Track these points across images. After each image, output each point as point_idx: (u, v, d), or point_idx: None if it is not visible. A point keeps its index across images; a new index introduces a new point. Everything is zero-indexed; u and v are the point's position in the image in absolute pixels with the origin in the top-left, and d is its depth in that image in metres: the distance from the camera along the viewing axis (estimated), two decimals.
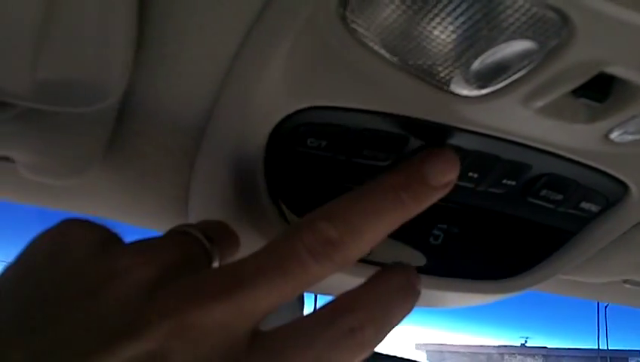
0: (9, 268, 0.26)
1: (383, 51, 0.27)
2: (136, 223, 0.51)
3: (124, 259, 0.26)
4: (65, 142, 0.35)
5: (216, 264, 0.30)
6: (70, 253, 0.26)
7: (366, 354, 0.27)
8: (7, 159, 0.38)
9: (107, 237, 0.28)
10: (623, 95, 0.28)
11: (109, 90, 0.30)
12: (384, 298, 0.29)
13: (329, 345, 0.26)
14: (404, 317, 0.29)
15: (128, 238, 0.29)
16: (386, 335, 0.28)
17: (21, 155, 0.37)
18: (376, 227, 0.28)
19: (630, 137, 0.31)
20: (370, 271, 0.32)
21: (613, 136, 0.31)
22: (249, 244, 0.38)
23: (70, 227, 0.28)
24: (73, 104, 0.31)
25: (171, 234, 0.30)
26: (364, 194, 0.29)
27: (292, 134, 0.32)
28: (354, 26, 0.26)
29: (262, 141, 0.32)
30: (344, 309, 0.27)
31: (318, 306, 0.29)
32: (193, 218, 0.45)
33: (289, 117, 0.31)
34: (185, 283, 0.26)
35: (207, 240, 0.30)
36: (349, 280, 0.39)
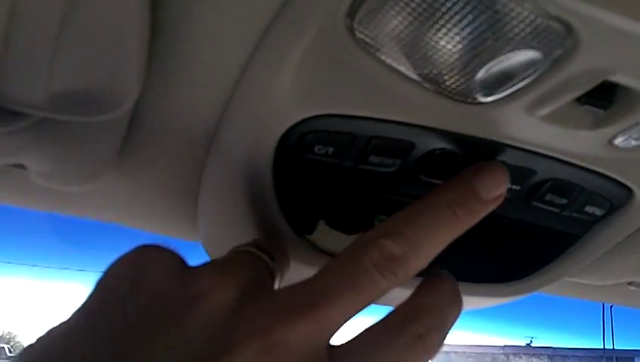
0: (92, 297, 0.26)
1: (389, 61, 0.28)
2: (147, 229, 0.51)
3: (204, 281, 0.27)
4: (77, 151, 0.36)
5: (277, 281, 0.32)
6: (151, 278, 0.27)
7: (431, 358, 0.29)
8: (19, 166, 0.38)
9: (181, 261, 0.29)
10: (627, 102, 0.28)
11: (122, 100, 0.31)
12: (441, 304, 0.30)
13: (401, 353, 0.28)
14: (457, 319, 0.31)
15: (135, 243, 0.29)
16: (445, 338, 0.29)
17: (34, 163, 0.37)
18: (434, 242, 0.29)
19: (634, 143, 0.32)
20: None
21: (617, 142, 0.32)
22: None
23: (147, 253, 0.28)
24: (86, 114, 0.31)
25: (237, 254, 0.31)
26: (422, 211, 0.30)
27: (300, 141, 0.33)
28: (361, 36, 0.27)
29: (270, 148, 0.33)
30: (410, 317, 0.29)
31: None
32: (202, 224, 0.45)
33: (297, 124, 0.32)
34: (267, 302, 0.27)
35: (270, 259, 0.31)
36: None
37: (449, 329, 0.30)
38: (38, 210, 0.49)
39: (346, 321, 0.27)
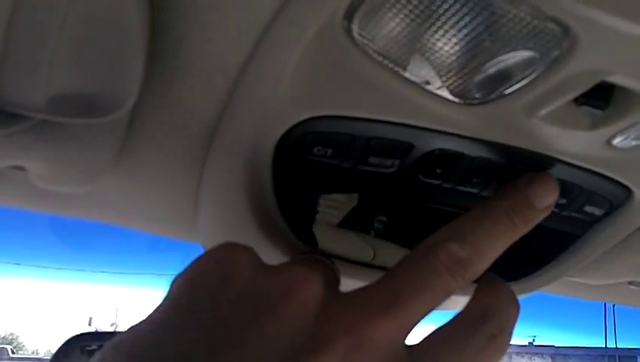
0: (179, 292, 0.27)
1: (387, 62, 0.28)
2: (147, 229, 0.51)
3: (291, 277, 0.28)
4: (77, 152, 0.36)
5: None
6: (239, 274, 0.27)
7: (500, 359, 0.30)
8: (20, 168, 0.38)
9: (261, 259, 0.29)
10: (624, 102, 0.28)
11: (121, 102, 0.31)
12: (506, 306, 0.32)
13: (476, 352, 0.29)
14: (516, 321, 0.32)
15: (138, 244, 0.29)
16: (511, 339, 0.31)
17: (34, 165, 0.37)
18: (495, 247, 0.31)
19: (633, 143, 0.32)
20: (376, 275, 0.32)
21: (616, 142, 0.32)
22: (257, 251, 0.39)
23: (232, 250, 0.29)
24: (86, 115, 0.31)
25: (306, 259, 0.32)
26: (482, 218, 0.31)
27: (299, 143, 0.33)
28: (359, 38, 0.27)
29: (269, 149, 0.33)
30: (482, 318, 0.31)
31: None
32: (202, 224, 0.45)
33: (296, 126, 0.32)
34: (353, 300, 0.28)
35: (332, 263, 0.33)
36: (355, 285, 0.40)
37: (513, 331, 0.31)
38: (39, 212, 0.49)
39: (420, 320, 0.29)
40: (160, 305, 0.26)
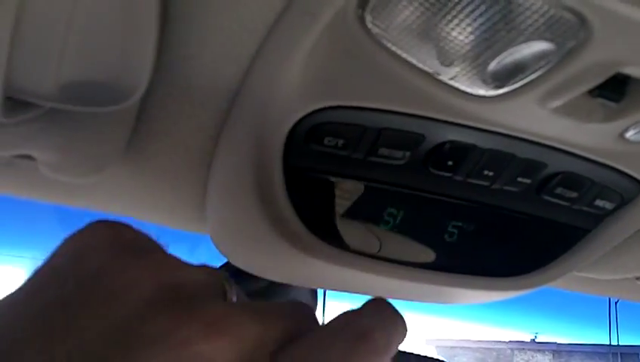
0: (36, 270, 0.26)
1: (400, 52, 0.28)
2: (155, 221, 0.51)
3: (145, 266, 0.25)
4: (86, 141, 0.36)
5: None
6: (95, 254, 0.25)
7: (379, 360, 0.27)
8: (28, 157, 0.38)
9: (133, 239, 0.27)
10: (639, 95, 0.28)
11: (131, 91, 0.31)
12: (382, 307, 0.28)
13: (344, 354, 0.26)
14: (403, 327, 0.28)
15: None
16: (394, 342, 0.27)
17: (43, 154, 0.37)
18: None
19: None
20: (381, 266, 0.32)
21: (629, 135, 0.31)
22: (264, 242, 0.38)
23: (94, 229, 0.27)
24: (96, 104, 0.31)
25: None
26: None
27: (310, 133, 0.33)
28: (372, 27, 0.27)
29: (280, 140, 0.33)
30: (351, 319, 0.27)
31: (326, 300, 0.29)
32: (210, 216, 0.45)
33: (306, 116, 0.32)
34: (216, 310, 0.25)
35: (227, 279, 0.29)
36: (360, 276, 0.39)
37: (395, 330, 0.28)
38: (46, 202, 0.49)
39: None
40: (21, 283, 0.25)
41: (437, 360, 1.27)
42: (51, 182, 0.43)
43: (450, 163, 0.35)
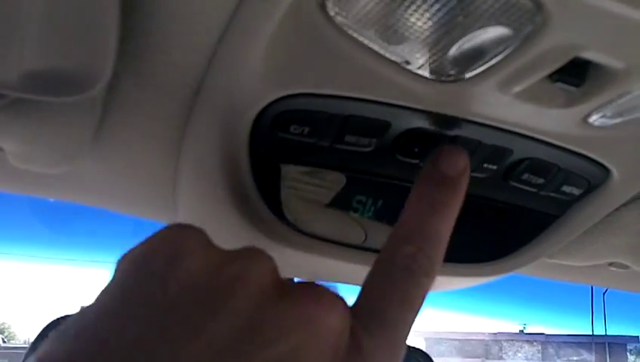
0: (125, 274, 0.25)
1: (362, 38, 0.28)
2: (125, 211, 0.51)
3: (245, 260, 0.26)
4: (53, 131, 0.36)
5: None
6: (189, 256, 0.25)
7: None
8: None
9: (211, 241, 0.28)
10: (599, 79, 0.28)
11: (95, 80, 0.31)
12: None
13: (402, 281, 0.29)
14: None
15: (118, 226, 0.28)
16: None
17: (10, 144, 0.37)
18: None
19: (609, 121, 0.32)
20: (368, 257, 0.32)
21: (592, 120, 0.32)
22: (235, 230, 0.38)
23: (182, 231, 0.27)
24: (60, 93, 0.31)
25: (250, 247, 0.30)
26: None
27: (275, 121, 0.33)
28: (333, 13, 0.27)
29: (245, 128, 0.33)
30: (399, 244, 0.31)
31: None
32: (180, 206, 0.45)
33: (271, 104, 0.32)
34: (306, 291, 0.27)
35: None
36: (352, 268, 0.40)
37: (437, 247, 0.31)
38: (18, 193, 0.49)
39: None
40: (106, 289, 0.25)
41: (414, 348, 1.27)
42: (22, 174, 0.43)
43: (416, 150, 0.35)
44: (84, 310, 0.24)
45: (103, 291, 0.25)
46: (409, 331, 0.29)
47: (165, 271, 0.24)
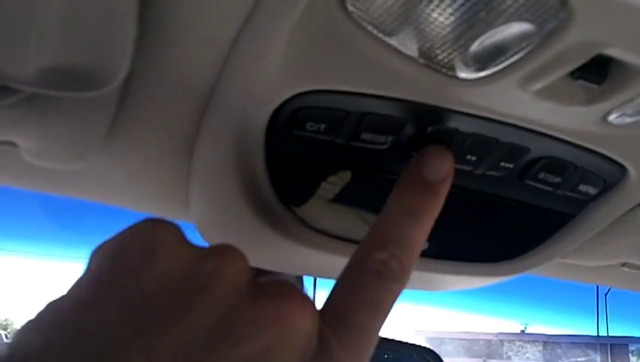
0: (99, 267, 0.25)
1: (381, 35, 0.28)
2: (138, 209, 0.51)
3: (220, 255, 0.26)
4: (67, 127, 0.36)
5: None
6: (165, 251, 0.25)
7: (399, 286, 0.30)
8: (11, 144, 0.38)
9: (185, 236, 0.28)
10: (621, 77, 0.28)
11: (111, 76, 0.30)
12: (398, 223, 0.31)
13: (373, 287, 0.29)
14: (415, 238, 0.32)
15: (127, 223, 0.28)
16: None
17: (24, 140, 0.37)
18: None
19: (628, 119, 0.32)
20: None
21: (612, 118, 0.31)
22: (248, 228, 0.38)
23: (157, 225, 0.27)
24: (75, 89, 0.31)
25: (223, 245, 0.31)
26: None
27: (291, 118, 0.33)
28: (352, 9, 0.27)
29: (261, 125, 0.33)
30: (371, 250, 0.31)
31: (317, 289, 0.31)
32: (193, 204, 0.45)
33: (288, 101, 0.32)
34: (279, 290, 0.28)
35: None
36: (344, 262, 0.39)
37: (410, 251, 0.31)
38: (30, 190, 0.49)
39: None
40: (79, 281, 0.25)
41: (422, 347, 1.27)
42: (35, 170, 0.43)
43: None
44: (56, 302, 0.24)
45: (76, 283, 0.25)
46: (377, 336, 0.29)
47: (140, 266, 0.25)
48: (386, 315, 0.29)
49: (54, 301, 0.24)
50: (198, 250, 0.27)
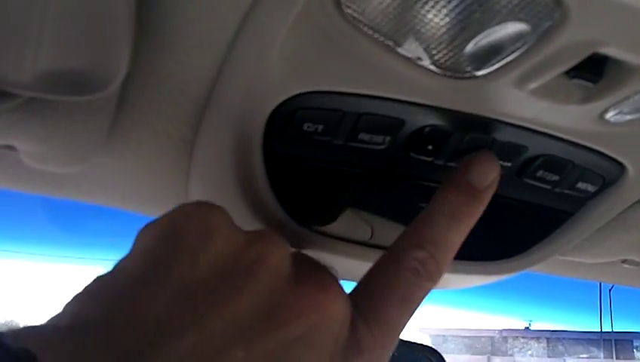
0: (155, 244, 0.26)
1: (377, 35, 0.28)
2: (138, 211, 0.51)
3: (265, 240, 0.28)
4: (66, 131, 0.36)
5: None
6: (218, 233, 0.27)
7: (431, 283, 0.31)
8: (10, 148, 0.38)
9: (233, 221, 0.29)
10: (617, 75, 0.28)
11: (110, 79, 0.31)
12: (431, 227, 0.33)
13: (405, 282, 0.30)
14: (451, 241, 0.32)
15: (128, 225, 0.29)
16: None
17: (24, 144, 0.37)
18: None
19: (626, 117, 0.32)
20: (375, 254, 0.32)
21: (609, 116, 0.32)
22: (247, 229, 0.38)
23: (211, 209, 0.28)
24: (74, 93, 0.31)
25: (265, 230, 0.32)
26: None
27: (289, 119, 0.33)
28: (348, 10, 0.27)
29: (259, 126, 0.33)
30: (408, 247, 0.32)
31: None
32: None
33: (285, 102, 0.32)
34: (319, 275, 0.29)
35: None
36: (357, 264, 0.40)
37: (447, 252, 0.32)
38: (31, 193, 0.49)
39: None
40: (129, 258, 0.26)
41: (424, 345, 1.27)
42: (35, 173, 0.43)
43: (430, 147, 0.35)
44: (108, 278, 0.25)
45: (126, 260, 0.26)
46: (401, 332, 0.30)
47: (196, 247, 0.26)
48: (413, 313, 0.30)
49: (103, 277, 0.25)
50: (244, 235, 0.28)
